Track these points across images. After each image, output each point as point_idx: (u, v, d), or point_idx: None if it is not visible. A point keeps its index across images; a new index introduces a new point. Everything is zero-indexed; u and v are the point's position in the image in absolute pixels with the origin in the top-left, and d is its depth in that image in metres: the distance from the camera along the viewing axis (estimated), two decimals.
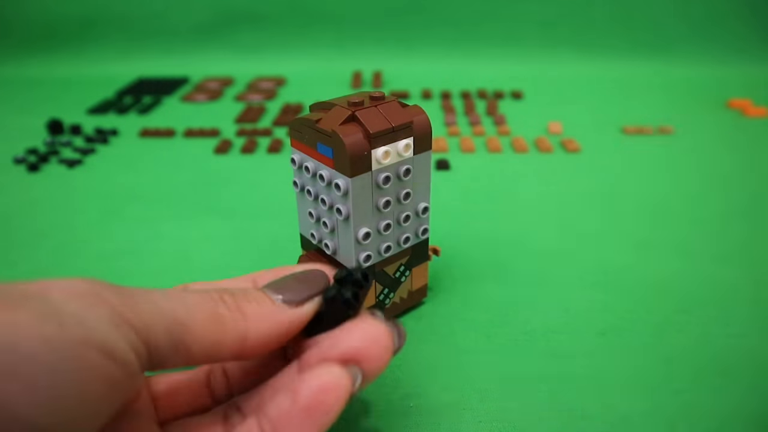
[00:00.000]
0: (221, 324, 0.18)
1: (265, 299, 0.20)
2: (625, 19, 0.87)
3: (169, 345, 0.17)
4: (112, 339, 0.15)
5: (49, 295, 0.15)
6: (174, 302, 0.17)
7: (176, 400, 0.21)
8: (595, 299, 0.34)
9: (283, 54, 0.89)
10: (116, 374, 0.15)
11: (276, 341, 0.19)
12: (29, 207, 0.46)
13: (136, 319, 0.16)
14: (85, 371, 0.14)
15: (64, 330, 0.14)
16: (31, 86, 0.81)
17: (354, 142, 0.25)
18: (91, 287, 0.16)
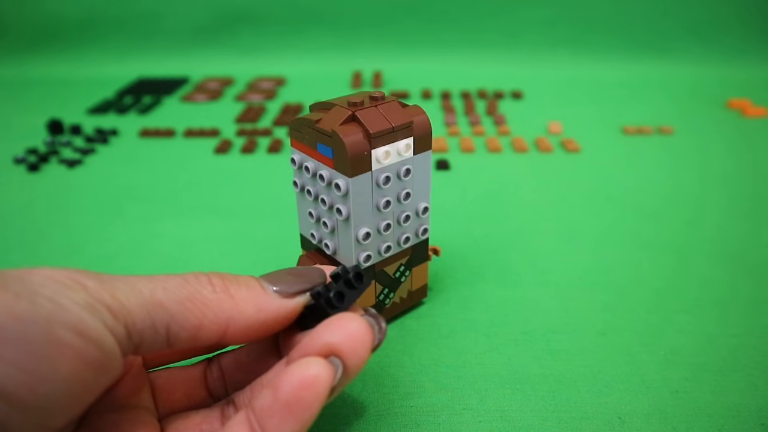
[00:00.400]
0: (203, 305, 0.18)
1: (256, 285, 0.20)
2: (625, 20, 0.87)
3: (148, 325, 0.17)
4: (86, 319, 0.15)
5: (28, 278, 0.16)
6: (153, 284, 0.18)
7: (173, 395, 0.22)
8: (595, 299, 0.34)
9: (283, 54, 0.89)
10: (93, 354, 0.15)
11: (262, 329, 0.19)
12: (29, 207, 0.46)
13: (113, 301, 0.16)
14: (55, 347, 0.15)
15: (35, 307, 0.15)
16: (31, 86, 0.81)
17: (354, 142, 0.25)
18: (70, 274, 0.16)
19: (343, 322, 0.19)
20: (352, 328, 0.19)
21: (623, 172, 0.51)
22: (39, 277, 0.16)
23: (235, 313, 0.19)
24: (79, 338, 0.15)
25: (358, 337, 0.18)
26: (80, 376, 0.15)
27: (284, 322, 0.20)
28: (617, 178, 0.50)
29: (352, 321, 0.19)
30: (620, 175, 0.51)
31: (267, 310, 0.19)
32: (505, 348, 0.30)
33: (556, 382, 0.27)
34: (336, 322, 0.19)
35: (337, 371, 0.18)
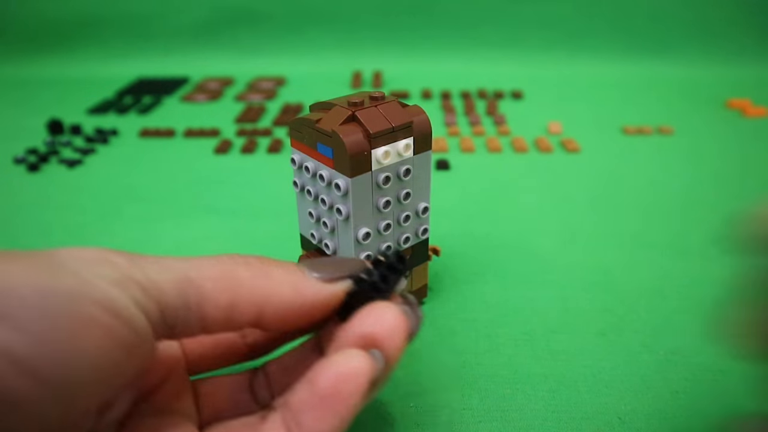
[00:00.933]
0: (238, 284, 0.17)
1: (296, 269, 0.19)
2: (624, 20, 0.87)
3: (181, 304, 0.16)
4: (114, 295, 0.15)
5: (55, 255, 0.15)
6: (186, 262, 0.17)
7: (217, 400, 0.21)
8: (595, 299, 0.34)
9: (283, 54, 0.89)
10: (122, 331, 0.15)
11: (300, 313, 0.19)
12: (29, 207, 0.46)
13: (143, 277, 0.16)
14: (79, 322, 0.14)
15: (58, 280, 0.14)
16: (31, 86, 0.81)
17: (354, 142, 0.25)
18: (99, 251, 0.16)
19: (378, 311, 0.18)
20: (388, 317, 0.18)
21: (623, 172, 0.51)
22: (66, 254, 0.15)
23: (271, 294, 0.18)
24: (107, 314, 0.15)
25: (394, 326, 0.18)
26: (109, 354, 0.15)
27: (324, 309, 0.19)
28: (617, 178, 0.50)
29: (388, 310, 0.18)
30: (620, 175, 0.51)
31: (306, 293, 0.18)
32: (505, 348, 0.30)
33: (556, 382, 0.27)
34: (371, 311, 0.18)
35: (379, 360, 0.17)
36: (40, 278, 0.14)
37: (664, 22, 0.87)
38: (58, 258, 0.15)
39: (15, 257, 0.15)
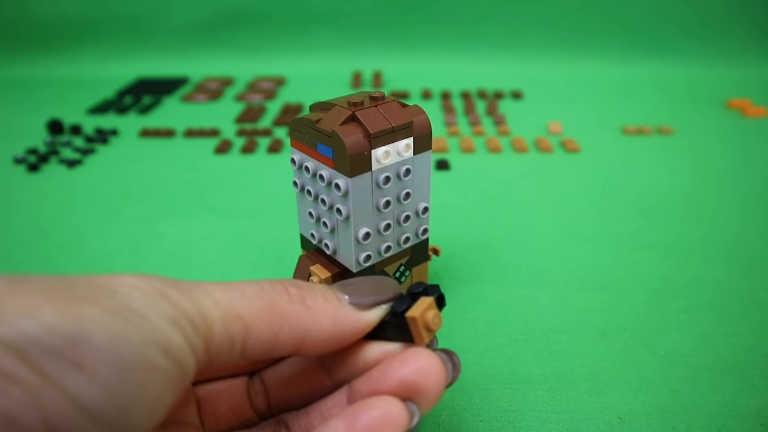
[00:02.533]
0: (280, 316, 0.17)
1: (333, 296, 0.19)
2: (624, 20, 0.87)
3: (225, 338, 0.16)
4: (172, 337, 0.15)
5: (115, 289, 0.15)
6: (231, 293, 0.17)
7: (218, 409, 0.21)
8: (595, 299, 0.34)
9: (283, 54, 0.89)
10: (176, 374, 0.15)
11: (337, 343, 0.19)
12: (29, 207, 0.46)
13: (196, 313, 0.16)
14: (146, 371, 0.14)
15: (128, 325, 0.14)
16: (31, 86, 0.81)
17: (354, 142, 0.25)
18: (153, 283, 0.16)
19: (418, 357, 0.18)
20: (429, 366, 0.18)
21: (623, 172, 0.51)
22: (124, 287, 0.15)
23: (312, 326, 0.18)
24: (167, 359, 0.15)
25: (433, 376, 0.18)
26: (163, 396, 0.15)
27: (358, 336, 0.19)
28: (617, 178, 0.50)
29: (427, 357, 0.18)
30: (620, 175, 0.51)
31: (344, 324, 0.19)
32: (505, 348, 0.30)
33: (556, 382, 0.27)
34: (410, 357, 0.18)
35: (414, 418, 0.18)
36: (112, 325, 0.14)
37: (665, 22, 0.87)
38: (120, 293, 0.15)
39: (84, 298, 0.14)
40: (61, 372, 0.13)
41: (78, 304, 0.14)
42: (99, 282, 0.15)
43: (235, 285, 0.18)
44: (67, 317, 0.14)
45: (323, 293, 0.19)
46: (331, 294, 0.19)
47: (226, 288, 0.17)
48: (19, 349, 0.13)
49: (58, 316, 0.13)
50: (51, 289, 0.14)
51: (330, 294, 0.19)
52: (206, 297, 0.17)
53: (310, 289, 0.19)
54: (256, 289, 0.18)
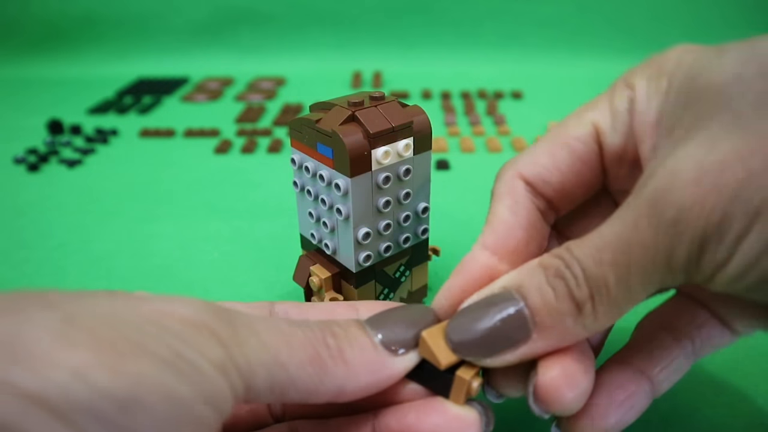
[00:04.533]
0: (322, 369, 0.17)
1: (368, 344, 0.18)
2: (624, 20, 0.87)
3: (266, 386, 0.16)
4: (220, 387, 0.14)
5: (165, 326, 0.14)
6: (279, 339, 0.16)
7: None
8: None
9: (283, 54, 0.89)
10: (215, 423, 0.15)
11: (372, 391, 0.18)
12: (29, 207, 0.46)
13: (243, 361, 0.15)
14: (192, 422, 0.14)
15: (182, 380, 0.14)
16: (31, 86, 0.81)
17: (354, 142, 0.25)
18: (202, 316, 0.15)
19: (457, 413, 0.18)
20: (466, 422, 0.18)
21: None
22: (175, 324, 0.14)
23: (348, 381, 0.17)
24: (212, 410, 0.14)
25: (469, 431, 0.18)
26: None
27: (395, 381, 0.18)
28: None
29: (467, 415, 0.18)
30: None
31: (381, 374, 0.18)
32: None
33: None
34: (451, 411, 0.18)
35: None
36: (165, 382, 0.13)
37: (664, 22, 0.87)
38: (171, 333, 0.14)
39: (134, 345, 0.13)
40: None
41: (131, 357, 0.13)
42: (148, 315, 0.14)
43: (281, 328, 0.17)
44: (121, 378, 0.13)
45: (359, 342, 0.18)
46: (366, 340, 0.18)
47: (273, 331, 0.16)
48: (69, 417, 0.12)
49: (111, 377, 0.12)
50: (101, 335, 0.13)
51: (365, 340, 0.18)
52: (254, 340, 0.16)
53: (347, 340, 0.18)
54: (300, 336, 0.17)
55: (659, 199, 0.15)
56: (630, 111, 0.19)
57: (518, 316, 0.17)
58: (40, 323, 0.13)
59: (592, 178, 0.21)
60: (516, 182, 0.21)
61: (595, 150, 0.20)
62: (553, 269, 0.17)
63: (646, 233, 0.15)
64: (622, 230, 0.16)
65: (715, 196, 0.14)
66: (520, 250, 0.20)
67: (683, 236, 0.14)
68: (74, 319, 0.13)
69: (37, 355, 0.12)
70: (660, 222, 0.15)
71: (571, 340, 0.17)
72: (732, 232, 0.14)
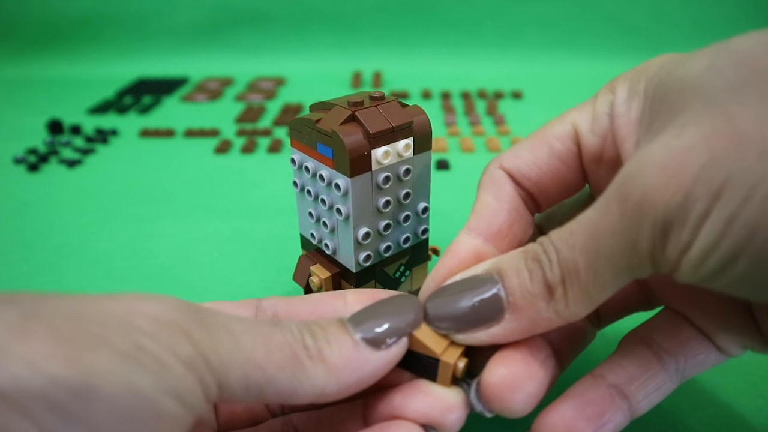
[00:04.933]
0: (300, 370, 0.16)
1: (348, 342, 0.17)
2: (624, 20, 0.87)
3: (242, 386, 0.15)
4: (187, 382, 0.14)
5: (131, 323, 0.14)
6: (255, 340, 0.16)
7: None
8: None
9: (283, 54, 0.89)
10: (184, 419, 0.14)
11: (357, 387, 0.18)
12: (29, 207, 0.46)
13: (215, 358, 0.15)
14: (155, 417, 0.14)
15: (142, 372, 0.13)
16: (31, 86, 0.81)
17: (354, 142, 0.25)
18: (173, 314, 0.15)
19: (442, 394, 0.18)
20: (451, 403, 0.18)
21: None
22: (142, 320, 0.14)
23: (329, 381, 0.17)
24: (179, 405, 0.14)
25: (454, 413, 0.18)
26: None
27: (381, 376, 0.18)
28: None
29: (452, 395, 0.18)
30: None
31: (363, 373, 0.17)
32: None
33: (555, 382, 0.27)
34: (436, 392, 0.18)
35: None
36: (123, 373, 0.13)
37: (665, 22, 0.87)
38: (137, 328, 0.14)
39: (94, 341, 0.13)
40: (67, 430, 0.12)
41: (88, 349, 0.13)
42: (114, 312, 0.14)
43: (260, 328, 0.17)
44: (76, 368, 0.13)
45: (338, 340, 0.17)
46: (345, 339, 0.18)
47: (250, 332, 0.16)
48: (22, 405, 0.12)
49: (66, 367, 0.13)
50: (60, 329, 0.13)
51: (345, 339, 0.18)
52: (229, 340, 0.16)
53: (325, 339, 0.17)
54: (278, 337, 0.17)
55: (626, 184, 0.15)
56: (610, 114, 0.19)
57: (495, 296, 0.17)
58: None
59: (570, 177, 0.21)
60: (498, 172, 0.21)
61: (574, 150, 0.20)
62: (532, 253, 0.17)
63: (614, 218, 0.15)
64: (593, 216, 0.16)
65: (679, 178, 0.14)
66: (504, 232, 0.21)
67: (647, 219, 0.14)
68: (34, 315, 0.13)
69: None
70: (626, 206, 0.15)
71: (544, 327, 0.17)
72: (694, 214, 0.13)
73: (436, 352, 0.18)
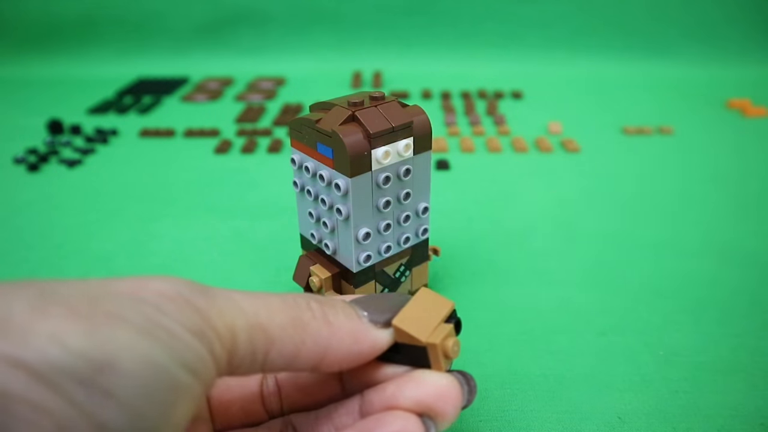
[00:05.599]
0: (303, 331, 0.17)
1: (353, 313, 0.19)
2: (625, 19, 0.87)
3: (248, 350, 0.16)
4: (199, 353, 0.15)
5: (141, 298, 0.15)
6: (257, 304, 0.17)
7: (231, 409, 0.21)
8: (595, 299, 0.34)
9: (283, 54, 0.89)
10: (197, 390, 0.15)
11: (355, 360, 0.18)
12: (29, 207, 0.46)
13: (221, 324, 0.16)
14: (172, 391, 0.14)
15: (158, 345, 0.14)
16: (31, 86, 0.81)
17: (354, 142, 0.25)
18: (179, 288, 0.16)
19: (435, 378, 0.18)
20: (445, 388, 0.18)
21: (623, 172, 0.51)
22: (151, 295, 0.15)
23: (332, 343, 0.18)
24: (192, 376, 0.15)
25: (448, 398, 0.18)
26: (186, 412, 0.15)
27: (376, 353, 0.19)
28: (617, 178, 0.50)
29: (445, 380, 0.18)
30: (620, 175, 0.51)
31: (364, 342, 0.18)
32: (505, 348, 0.30)
33: (556, 382, 0.27)
34: (428, 377, 0.18)
35: (431, 430, 0.18)
36: (141, 347, 0.14)
37: (664, 22, 0.87)
38: (147, 305, 0.15)
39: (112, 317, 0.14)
40: (90, 401, 0.13)
41: (107, 324, 0.14)
42: (125, 290, 0.15)
43: (259, 295, 0.17)
44: (96, 342, 0.13)
45: (344, 310, 0.19)
46: (351, 311, 0.19)
47: (251, 297, 0.17)
48: (48, 378, 0.12)
49: (87, 340, 0.13)
50: (77, 307, 0.14)
51: (350, 311, 0.19)
52: (232, 306, 0.16)
53: (332, 306, 0.19)
54: (279, 301, 0.18)
55: None
56: None
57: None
58: (18, 298, 0.13)
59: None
60: None
61: None
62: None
63: None
64: None
65: None
66: None
67: None
68: (51, 293, 0.14)
69: (15, 325, 0.13)
70: None
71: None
72: None
73: (420, 338, 0.18)
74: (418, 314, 0.19)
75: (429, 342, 0.18)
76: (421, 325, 0.19)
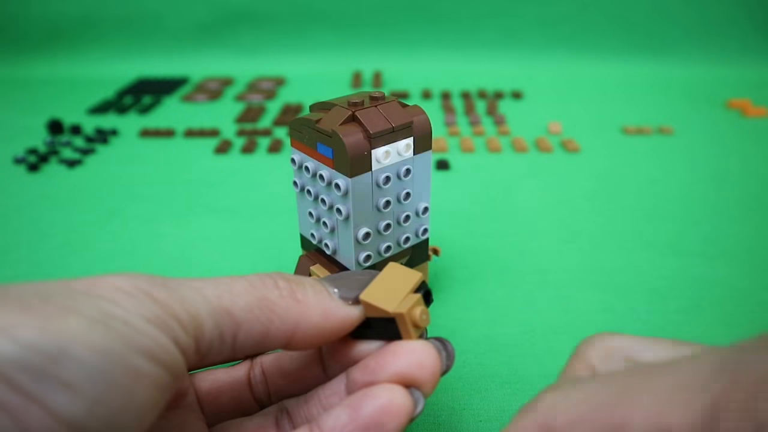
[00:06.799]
0: (270, 311, 0.17)
1: (322, 289, 0.19)
2: (625, 19, 0.87)
3: (215, 335, 0.16)
4: (159, 340, 0.15)
5: (97, 294, 0.15)
6: (219, 289, 0.17)
7: (220, 400, 0.21)
8: (595, 299, 0.34)
9: (283, 54, 0.89)
10: (163, 378, 0.15)
11: (327, 337, 0.19)
12: (29, 207, 0.46)
13: (183, 312, 0.16)
14: (131, 378, 0.14)
15: (111, 334, 0.14)
16: (31, 86, 0.81)
17: (354, 142, 0.25)
18: (137, 282, 0.16)
19: (411, 348, 0.18)
20: (422, 356, 0.18)
21: (623, 172, 0.51)
22: (107, 290, 0.15)
23: (302, 320, 0.18)
24: (153, 364, 0.15)
25: (425, 365, 0.18)
26: (152, 400, 0.15)
27: (348, 330, 0.19)
28: (617, 178, 0.50)
29: (422, 348, 0.18)
30: (620, 175, 0.51)
31: (334, 318, 0.19)
32: (505, 348, 0.30)
33: None
34: (404, 348, 0.18)
35: (420, 401, 0.18)
36: (94, 336, 0.14)
37: (665, 22, 0.87)
38: (102, 299, 0.15)
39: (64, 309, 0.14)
40: (45, 391, 0.13)
41: (58, 317, 0.14)
42: (79, 288, 0.15)
43: (222, 280, 0.18)
44: (48, 333, 0.13)
45: (312, 286, 0.19)
46: (320, 287, 0.19)
47: (214, 284, 0.17)
48: (0, 372, 0.13)
49: (38, 333, 0.13)
50: (29, 301, 0.14)
51: (319, 287, 0.19)
52: (194, 294, 0.16)
53: (300, 283, 0.19)
54: (244, 283, 0.18)
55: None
56: None
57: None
58: None
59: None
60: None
61: None
62: None
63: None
64: None
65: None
66: None
67: None
68: (5, 291, 0.14)
69: None
70: None
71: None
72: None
73: (387, 309, 0.19)
74: (385, 287, 0.20)
75: (396, 312, 0.19)
76: (388, 297, 0.19)
